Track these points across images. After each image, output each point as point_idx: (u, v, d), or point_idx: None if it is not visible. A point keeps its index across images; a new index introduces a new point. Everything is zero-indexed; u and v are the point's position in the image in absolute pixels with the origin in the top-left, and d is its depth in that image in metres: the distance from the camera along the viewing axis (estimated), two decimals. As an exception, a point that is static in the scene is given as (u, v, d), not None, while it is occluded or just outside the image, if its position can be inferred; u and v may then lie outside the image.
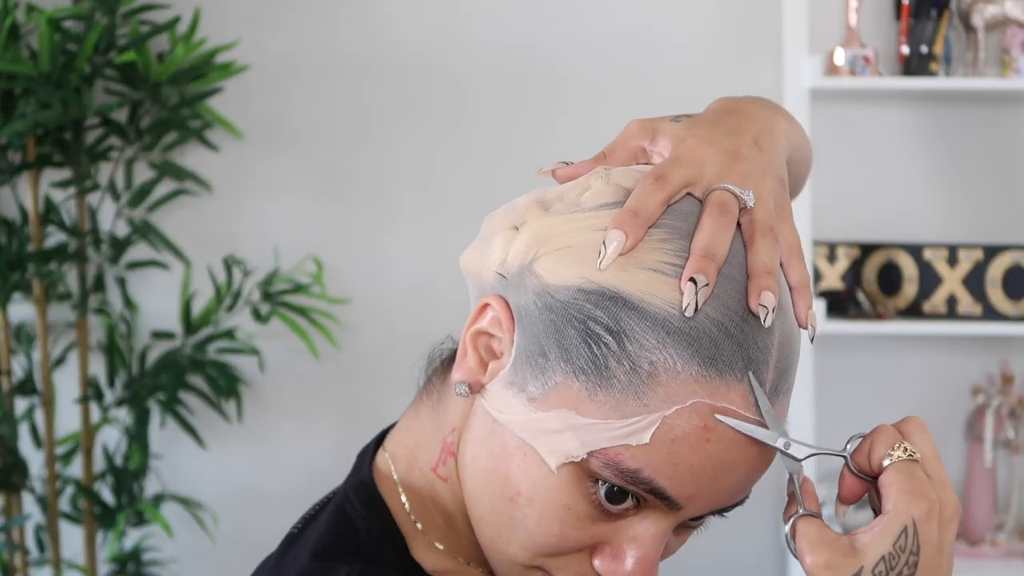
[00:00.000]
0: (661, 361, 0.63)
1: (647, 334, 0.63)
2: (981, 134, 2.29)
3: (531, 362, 0.66)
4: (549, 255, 0.66)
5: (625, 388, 0.63)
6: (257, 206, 2.29)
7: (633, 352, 0.63)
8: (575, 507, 0.65)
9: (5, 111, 2.01)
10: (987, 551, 2.12)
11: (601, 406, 0.64)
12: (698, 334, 0.63)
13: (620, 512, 0.66)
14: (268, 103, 2.28)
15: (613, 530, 0.66)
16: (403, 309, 2.29)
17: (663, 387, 0.63)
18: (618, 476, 0.64)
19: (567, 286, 0.65)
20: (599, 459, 0.64)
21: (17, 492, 2.10)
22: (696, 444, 0.63)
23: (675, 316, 0.63)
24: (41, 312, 2.10)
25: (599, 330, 0.64)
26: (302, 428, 2.32)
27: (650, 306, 0.63)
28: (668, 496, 0.64)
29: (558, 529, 0.66)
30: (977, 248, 2.18)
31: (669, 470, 0.63)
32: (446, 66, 2.28)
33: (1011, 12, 2.17)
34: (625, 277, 0.64)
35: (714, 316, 0.64)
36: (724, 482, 0.65)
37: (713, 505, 0.66)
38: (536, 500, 0.66)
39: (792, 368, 0.67)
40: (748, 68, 2.28)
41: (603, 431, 0.63)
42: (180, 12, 2.16)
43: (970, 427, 2.20)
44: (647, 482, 0.63)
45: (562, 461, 0.64)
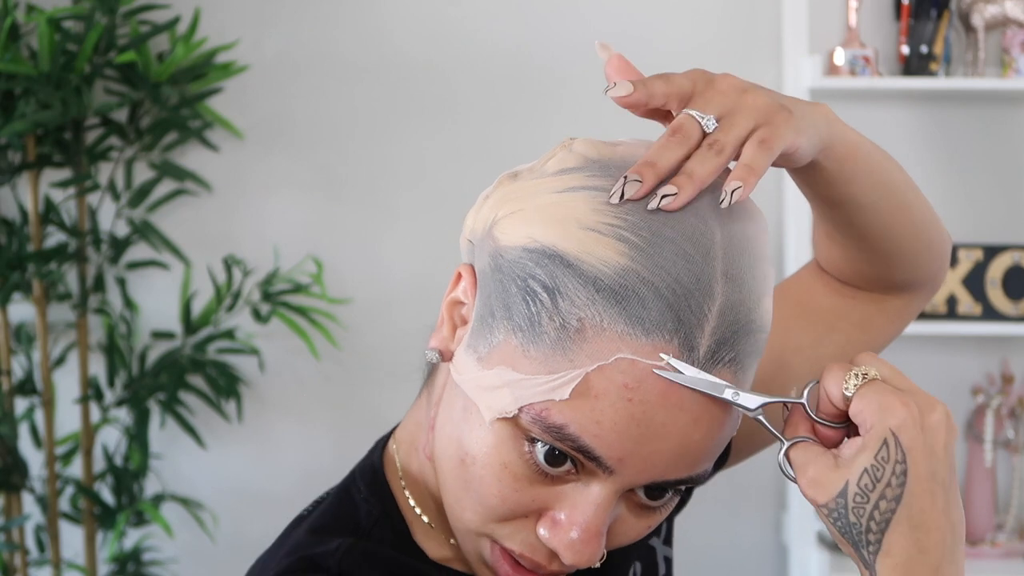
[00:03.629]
0: (589, 318, 0.63)
1: (579, 291, 0.63)
2: (981, 134, 2.29)
3: (483, 323, 0.68)
4: (505, 218, 0.68)
5: (554, 344, 0.63)
6: (257, 206, 2.29)
7: (564, 309, 0.63)
8: (511, 466, 0.65)
9: (5, 111, 2.01)
10: (987, 551, 2.12)
11: (533, 362, 0.64)
12: (627, 293, 0.63)
13: (560, 476, 0.65)
14: (268, 103, 2.28)
15: (555, 496, 0.66)
16: (403, 309, 2.29)
17: (589, 344, 0.63)
18: (546, 432, 0.63)
19: (515, 246, 0.66)
20: (528, 414, 0.64)
21: (17, 492, 2.10)
22: (618, 402, 0.62)
23: (607, 275, 0.63)
24: (41, 312, 2.10)
25: (537, 287, 0.64)
26: (302, 428, 2.32)
27: (584, 264, 0.64)
28: (596, 456, 0.63)
29: (496, 489, 0.66)
30: (977, 248, 2.18)
31: (593, 428, 0.63)
32: (446, 66, 2.28)
33: (1011, 12, 2.17)
34: (565, 235, 0.65)
35: (646, 276, 0.63)
36: (656, 447, 0.63)
37: (651, 473, 0.64)
38: (479, 459, 0.66)
39: (741, 341, 0.65)
40: (748, 68, 2.27)
41: (532, 386, 0.64)
42: (180, 12, 2.16)
43: (970, 427, 2.20)
44: (573, 439, 0.63)
45: (495, 416, 0.65)
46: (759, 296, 0.66)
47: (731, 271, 0.65)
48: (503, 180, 0.72)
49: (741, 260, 0.66)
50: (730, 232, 0.67)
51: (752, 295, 0.66)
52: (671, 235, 0.64)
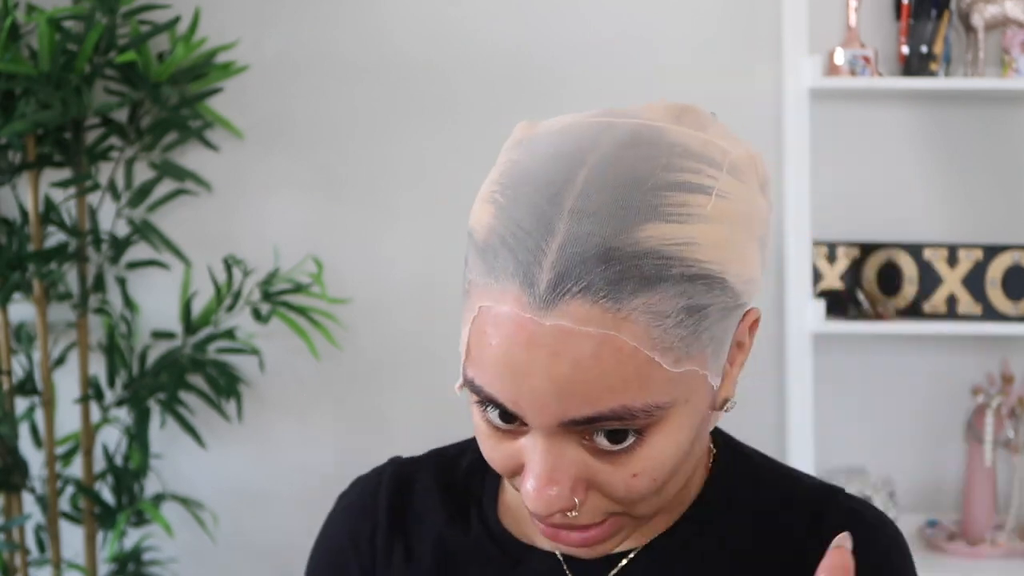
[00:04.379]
0: (472, 279, 0.68)
1: (471, 256, 0.69)
2: (981, 134, 2.29)
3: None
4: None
5: (464, 298, 0.70)
6: (257, 206, 2.29)
7: (466, 273, 0.69)
8: (480, 427, 0.70)
9: (5, 111, 2.01)
10: (987, 551, 2.12)
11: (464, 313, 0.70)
12: (489, 249, 0.67)
13: (513, 431, 0.69)
14: (268, 103, 2.28)
15: (519, 450, 0.69)
16: (403, 309, 2.29)
17: (470, 300, 0.68)
18: (470, 389, 0.68)
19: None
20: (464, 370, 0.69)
21: (17, 492, 2.10)
22: (487, 349, 0.66)
23: (481, 237, 0.68)
24: (41, 312, 2.10)
25: (466, 254, 0.70)
26: (302, 428, 2.32)
27: (473, 232, 0.69)
28: (499, 403, 0.67)
29: (484, 450, 0.71)
30: (977, 248, 2.18)
31: (483, 376, 0.67)
32: (445, 66, 2.28)
33: (1011, 12, 2.17)
34: (472, 211, 0.71)
35: (500, 230, 0.67)
36: (530, 385, 0.64)
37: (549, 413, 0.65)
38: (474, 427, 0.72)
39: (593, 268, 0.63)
40: (748, 68, 2.28)
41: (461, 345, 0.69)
42: (180, 12, 2.16)
43: (970, 427, 2.19)
44: (479, 390, 0.67)
45: (459, 384, 0.71)
46: (628, 224, 0.64)
47: (585, 206, 0.65)
48: None
49: (604, 193, 0.65)
50: (601, 165, 0.66)
51: (612, 224, 0.64)
52: (527, 188, 0.67)
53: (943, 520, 2.25)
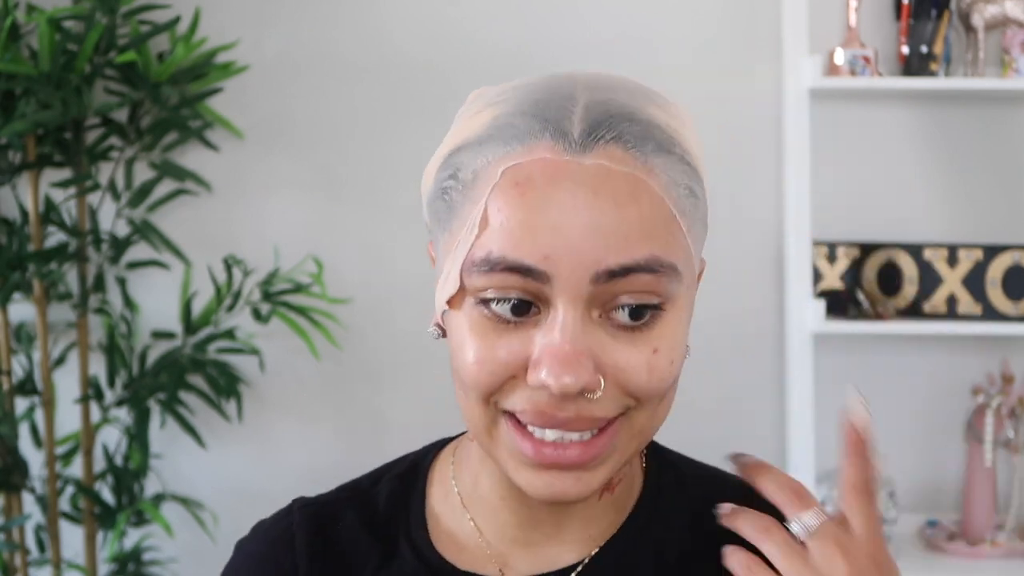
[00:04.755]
0: (478, 165, 0.68)
1: (468, 156, 0.69)
2: (981, 134, 2.29)
3: (437, 256, 0.73)
4: (424, 177, 0.75)
5: (463, 203, 0.69)
6: (257, 206, 2.29)
7: (463, 176, 0.69)
8: (476, 328, 0.68)
9: (5, 111, 2.01)
10: (987, 551, 2.12)
11: (457, 232, 0.69)
12: (499, 129, 0.69)
13: (522, 322, 0.67)
14: (268, 103, 2.28)
15: (527, 343, 0.68)
16: (403, 309, 2.29)
17: (482, 180, 0.68)
18: (481, 274, 0.66)
19: (429, 179, 0.74)
20: (466, 270, 0.67)
21: (17, 492, 2.10)
22: (517, 203, 0.66)
23: (484, 128, 0.69)
24: (41, 312, 2.10)
25: (446, 183, 0.71)
26: (302, 428, 2.32)
27: (468, 138, 0.70)
28: (526, 266, 0.65)
29: (473, 357, 0.68)
30: (977, 248, 2.18)
31: (509, 239, 0.66)
32: (446, 66, 2.28)
33: (1011, 12, 2.17)
34: (452, 139, 0.72)
35: (510, 111, 0.69)
36: (569, 229, 0.65)
37: (583, 263, 0.65)
38: (456, 347, 0.70)
39: (620, 123, 0.68)
40: (748, 68, 2.28)
41: (460, 245, 0.68)
42: (180, 12, 2.16)
43: (970, 427, 2.19)
44: (500, 261, 0.66)
45: (451, 292, 0.69)
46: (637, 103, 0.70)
47: (596, 85, 0.71)
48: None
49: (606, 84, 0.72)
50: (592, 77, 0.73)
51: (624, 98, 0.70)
52: (531, 82, 0.72)
53: (943, 520, 2.25)
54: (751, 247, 2.27)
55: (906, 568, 2.16)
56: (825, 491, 2.18)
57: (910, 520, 2.26)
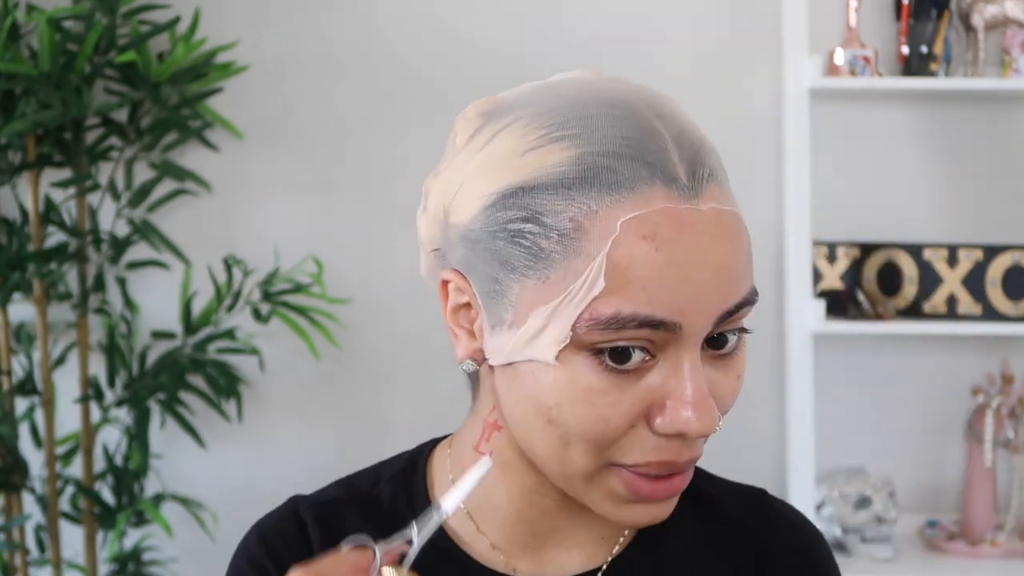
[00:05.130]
0: (578, 213, 0.65)
1: (554, 201, 0.65)
2: (981, 134, 2.29)
3: (492, 296, 0.69)
4: (452, 203, 0.71)
5: (564, 254, 0.65)
6: (257, 206, 2.29)
7: (552, 222, 0.65)
8: (595, 386, 0.66)
9: (5, 111, 2.01)
10: (987, 551, 2.12)
11: (557, 283, 0.66)
12: (594, 172, 0.65)
13: (638, 367, 0.66)
14: (268, 103, 2.28)
15: (647, 390, 0.67)
16: (403, 309, 2.29)
17: (591, 232, 0.65)
18: (606, 330, 0.65)
19: (476, 213, 0.69)
20: (582, 325, 0.65)
21: (17, 492, 2.10)
22: (647, 259, 0.64)
23: (567, 172, 0.66)
24: (41, 312, 2.10)
25: (518, 225, 0.67)
26: (302, 428, 2.32)
27: (542, 178, 0.66)
28: (658, 320, 0.64)
29: (594, 414, 0.66)
30: (977, 248, 2.18)
31: (641, 296, 0.64)
32: (445, 66, 2.28)
33: (1011, 12, 2.17)
34: (511, 171, 0.67)
35: (598, 150, 0.66)
36: (699, 279, 0.65)
37: (708, 309, 0.66)
38: (564, 401, 0.67)
39: (704, 156, 0.68)
40: (748, 68, 2.28)
41: (570, 301, 0.65)
42: (180, 12, 2.16)
43: (970, 427, 2.19)
44: (631, 318, 0.64)
45: (557, 348, 0.66)
46: (694, 124, 0.70)
47: (659, 110, 0.69)
48: (428, 183, 0.77)
49: (663, 104, 0.70)
50: (636, 91, 0.71)
51: (689, 123, 0.69)
52: (594, 111, 0.67)
53: (943, 520, 2.25)
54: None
55: (906, 568, 2.17)
56: (825, 491, 2.18)
57: (910, 520, 2.26)
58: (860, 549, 2.13)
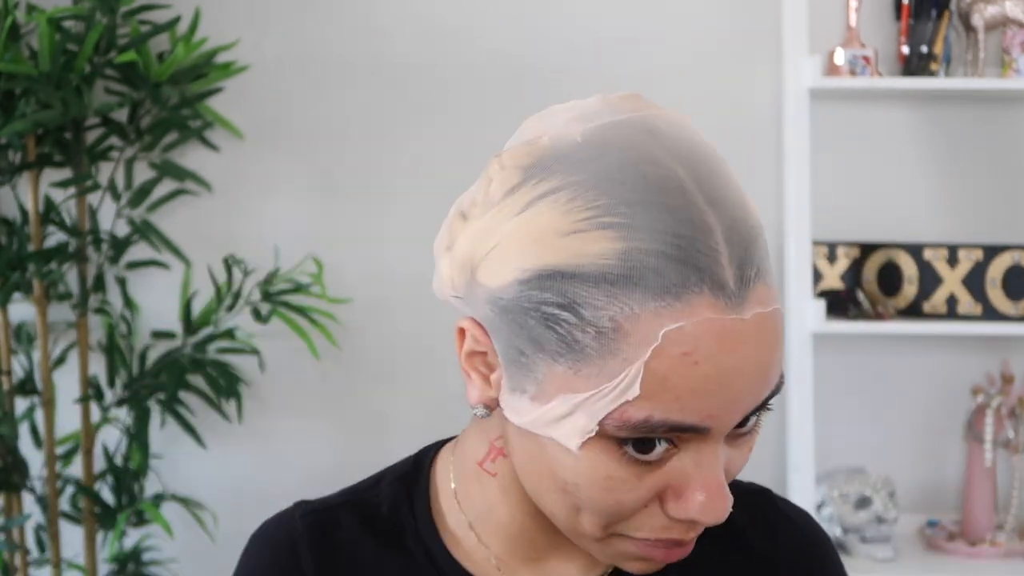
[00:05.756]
0: (619, 313, 0.62)
1: (595, 294, 0.63)
2: (981, 134, 2.29)
3: (516, 364, 0.67)
4: (483, 262, 0.68)
5: (600, 352, 0.63)
6: (257, 206, 2.29)
7: (590, 316, 0.63)
8: (616, 474, 0.66)
9: (5, 111, 2.01)
10: (987, 551, 2.12)
11: (589, 377, 0.64)
12: (640, 272, 0.62)
13: (660, 457, 0.65)
14: (268, 103, 2.28)
15: (665, 475, 0.66)
16: (403, 309, 2.29)
17: (631, 335, 0.62)
18: (635, 431, 0.64)
19: (508, 284, 0.66)
20: (610, 423, 0.64)
21: (17, 492, 2.10)
22: (687, 371, 0.62)
23: (611, 266, 0.63)
24: (41, 312, 2.10)
25: (553, 310, 0.64)
26: (302, 428, 2.32)
27: (585, 267, 0.63)
28: (688, 426, 0.64)
29: (612, 499, 0.66)
30: (977, 248, 2.18)
31: (675, 405, 0.63)
32: (446, 66, 2.28)
33: (1011, 12, 2.17)
34: (552, 250, 0.64)
35: (646, 247, 0.62)
36: (737, 388, 0.64)
37: (742, 410, 0.65)
38: (582, 483, 0.66)
39: (753, 251, 0.65)
40: (748, 68, 2.28)
41: (601, 398, 0.63)
42: (180, 12, 2.16)
43: (970, 427, 2.19)
44: (662, 424, 0.63)
45: (580, 440, 0.65)
46: (742, 201, 0.67)
47: (711, 195, 0.65)
48: (455, 224, 0.71)
49: (711, 180, 0.66)
50: (685, 158, 0.66)
51: (737, 205, 0.66)
52: (644, 197, 0.64)
53: (943, 520, 2.25)
54: (751, 247, 2.27)
55: (906, 568, 2.16)
56: (825, 491, 2.18)
57: (910, 520, 2.26)
58: (860, 549, 2.13)
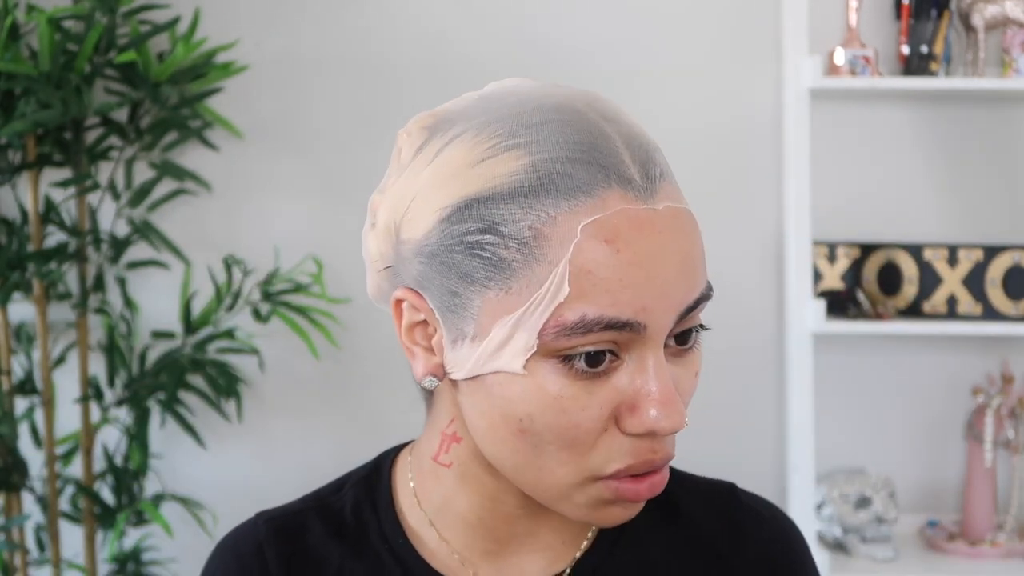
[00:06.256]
0: (536, 220, 0.65)
1: (511, 209, 0.65)
2: (981, 134, 2.29)
3: (452, 310, 0.69)
4: (404, 219, 0.71)
5: (526, 262, 0.65)
6: (257, 206, 2.29)
7: (511, 232, 0.65)
8: (565, 391, 0.66)
9: (5, 111, 2.01)
10: (987, 551, 2.12)
11: (520, 292, 0.66)
12: (549, 179, 0.65)
13: (605, 369, 0.66)
14: (268, 103, 2.28)
15: (614, 391, 0.67)
16: (403, 309, 2.29)
17: (551, 238, 0.65)
18: (573, 335, 0.65)
19: (431, 228, 0.69)
20: (548, 332, 0.65)
21: (17, 492, 2.10)
22: (610, 261, 0.64)
23: (522, 180, 0.66)
24: (41, 312, 2.10)
25: (476, 236, 0.66)
26: (302, 428, 2.32)
27: (497, 188, 0.66)
28: (624, 321, 0.65)
29: (566, 420, 0.66)
30: (977, 248, 2.18)
31: (606, 298, 0.64)
32: (445, 66, 2.28)
33: (1011, 12, 2.17)
34: (465, 183, 0.67)
35: (551, 156, 0.66)
36: (663, 277, 0.65)
37: (671, 307, 0.66)
38: (535, 412, 0.67)
39: (652, 155, 0.68)
40: (748, 68, 2.28)
41: (535, 308, 0.65)
42: (180, 12, 2.16)
43: (970, 427, 2.19)
44: (596, 321, 0.64)
45: (524, 358, 0.66)
46: (639, 126, 0.70)
47: (605, 114, 0.69)
48: (375, 199, 0.77)
49: (607, 107, 0.70)
50: (581, 94, 0.71)
51: (633, 125, 0.70)
52: (543, 118, 0.68)
53: (943, 520, 2.25)
54: (751, 247, 2.27)
55: (906, 568, 2.16)
56: (825, 491, 2.18)
57: (910, 520, 2.26)
58: (860, 549, 2.13)
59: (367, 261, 0.78)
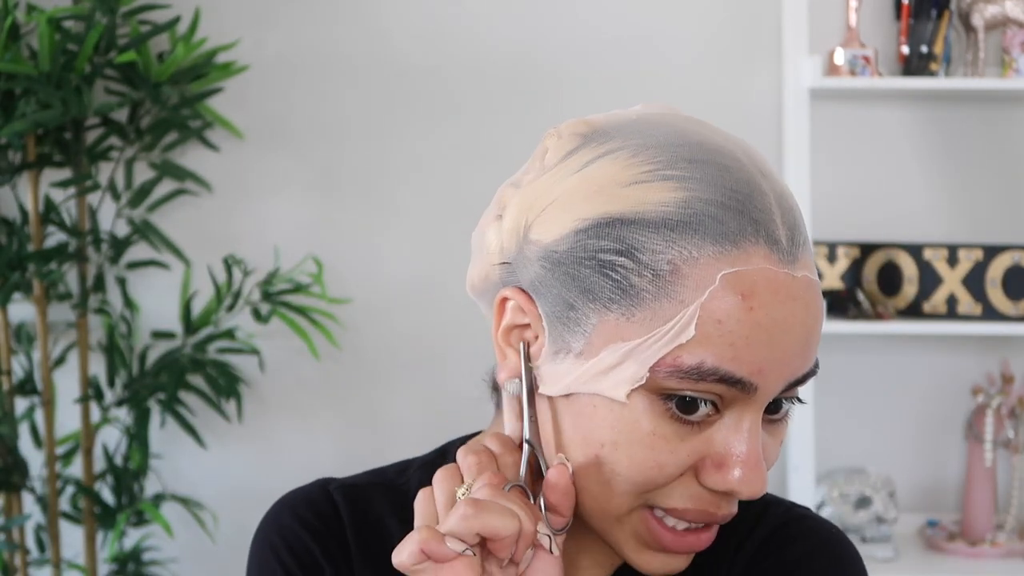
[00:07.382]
0: (677, 256, 0.64)
1: (653, 239, 0.65)
2: (981, 134, 2.29)
3: (563, 322, 0.68)
4: (537, 219, 0.69)
5: (656, 295, 0.65)
6: (257, 206, 2.29)
7: (648, 260, 0.65)
8: (659, 430, 0.66)
9: (5, 111, 2.01)
10: (987, 551, 2.12)
11: (642, 322, 0.65)
12: (699, 219, 0.65)
13: (703, 420, 0.66)
14: (268, 103, 2.28)
15: (705, 442, 0.66)
16: (403, 309, 2.29)
17: (689, 278, 0.64)
18: (684, 379, 0.64)
19: (564, 235, 0.67)
20: (661, 370, 0.64)
21: (17, 492, 2.10)
22: (742, 316, 0.64)
23: (672, 213, 0.65)
24: (41, 312, 2.10)
25: (610, 256, 0.66)
26: (302, 428, 2.32)
27: (645, 214, 0.65)
28: (738, 378, 0.64)
29: (652, 460, 0.66)
30: (977, 248, 2.18)
31: (728, 351, 0.64)
32: (446, 66, 2.28)
33: (1011, 12, 2.17)
34: (612, 200, 0.66)
35: (706, 197, 0.65)
36: (785, 344, 0.65)
37: (785, 375, 0.66)
38: (621, 441, 0.66)
39: (798, 220, 0.68)
40: (748, 68, 2.28)
41: (653, 343, 0.64)
42: (180, 12, 2.15)
43: (970, 427, 2.19)
44: (713, 372, 0.64)
45: (629, 388, 0.65)
46: (787, 186, 0.70)
47: (761, 168, 0.69)
48: (506, 192, 0.74)
49: (763, 161, 0.70)
50: (736, 139, 0.71)
51: (784, 184, 0.70)
52: (703, 157, 0.67)
53: (943, 520, 2.25)
54: (751, 247, 2.27)
55: (906, 568, 2.16)
56: (825, 491, 2.18)
57: (910, 520, 2.26)
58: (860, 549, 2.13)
59: (478, 250, 0.75)
